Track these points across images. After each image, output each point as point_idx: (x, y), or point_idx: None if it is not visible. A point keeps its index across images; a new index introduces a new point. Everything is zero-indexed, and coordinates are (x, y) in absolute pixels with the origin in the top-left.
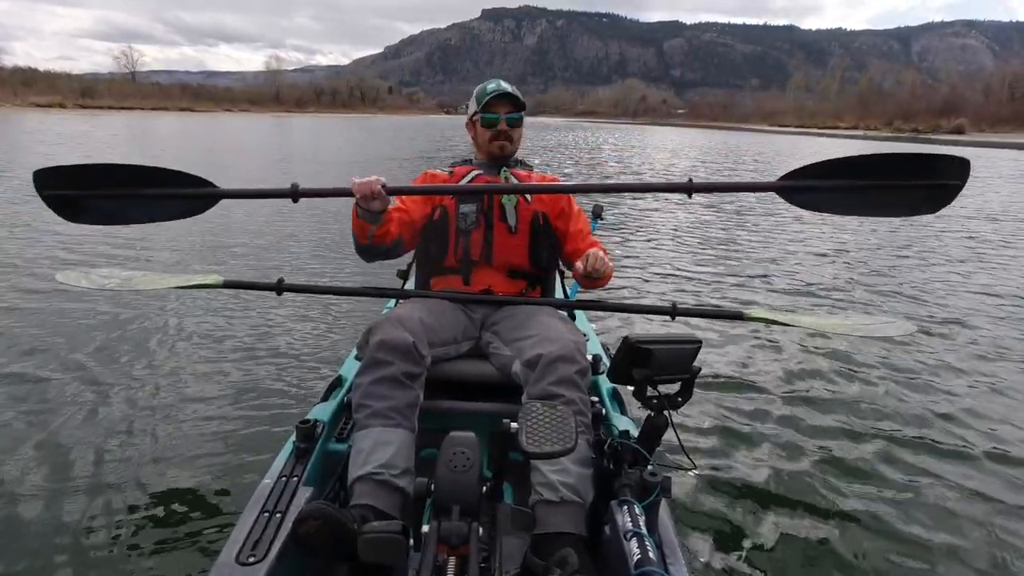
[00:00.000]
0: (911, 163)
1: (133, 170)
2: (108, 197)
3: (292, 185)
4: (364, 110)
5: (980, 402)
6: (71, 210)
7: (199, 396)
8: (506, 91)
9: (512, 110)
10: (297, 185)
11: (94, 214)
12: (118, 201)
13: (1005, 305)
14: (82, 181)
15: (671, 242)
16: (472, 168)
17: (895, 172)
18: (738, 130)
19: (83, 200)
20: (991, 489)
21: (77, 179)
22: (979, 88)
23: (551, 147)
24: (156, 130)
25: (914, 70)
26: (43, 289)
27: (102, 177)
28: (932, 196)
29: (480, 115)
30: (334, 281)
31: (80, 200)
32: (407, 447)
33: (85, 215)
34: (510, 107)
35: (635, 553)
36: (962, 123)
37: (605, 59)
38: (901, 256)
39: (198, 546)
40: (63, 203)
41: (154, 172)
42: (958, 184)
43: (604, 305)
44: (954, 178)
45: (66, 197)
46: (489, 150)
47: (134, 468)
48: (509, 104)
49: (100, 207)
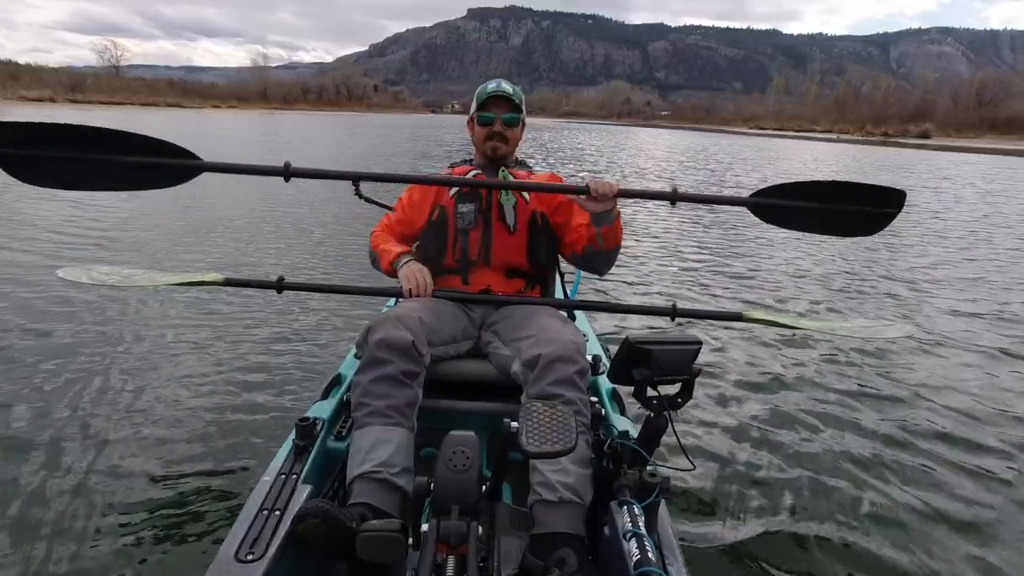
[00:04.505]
0: (860, 192)
1: (106, 133)
2: (74, 161)
3: (284, 164)
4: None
5: (984, 401)
6: (28, 171)
7: (198, 393)
8: (504, 92)
9: (509, 111)
10: (289, 164)
11: (56, 177)
12: (88, 165)
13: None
14: (43, 140)
15: (668, 245)
16: (471, 168)
17: (846, 198)
18: (720, 132)
19: (43, 161)
20: (997, 492)
21: (37, 137)
22: (948, 95)
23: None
24: (155, 125)
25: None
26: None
27: (68, 138)
28: (874, 220)
29: (477, 114)
30: (334, 279)
31: (40, 161)
32: (406, 446)
33: (45, 178)
34: (507, 108)
35: (634, 554)
36: (928, 128)
37: (590, 60)
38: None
39: (197, 543)
40: (19, 163)
41: (129, 137)
42: (895, 212)
43: (604, 305)
44: (893, 206)
45: (23, 157)
46: (483, 150)
47: (133, 465)
48: (507, 105)
49: (63, 170)
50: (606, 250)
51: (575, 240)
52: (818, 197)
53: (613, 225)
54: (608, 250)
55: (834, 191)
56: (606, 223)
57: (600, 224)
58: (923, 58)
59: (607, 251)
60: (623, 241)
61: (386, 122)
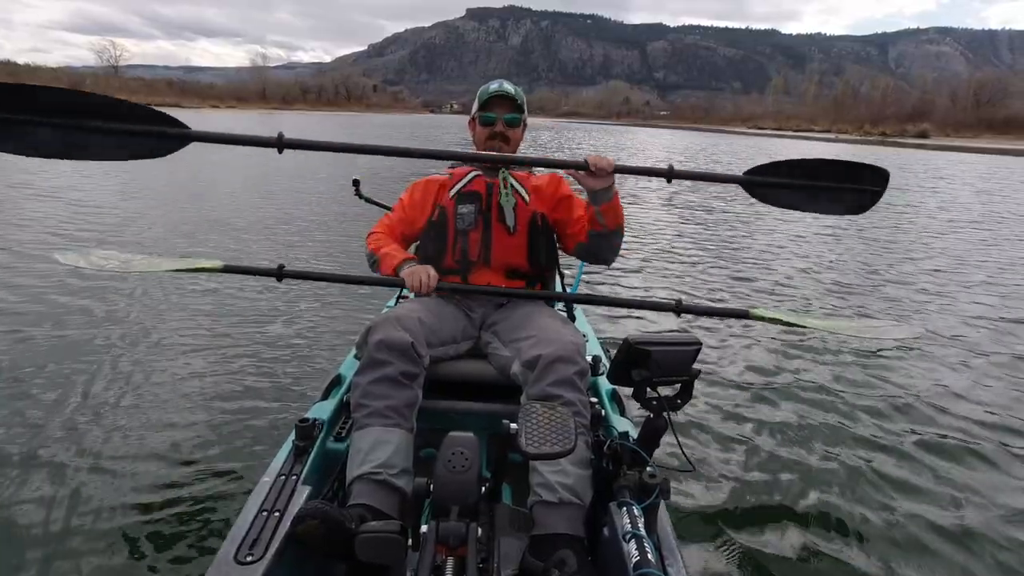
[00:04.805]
0: (845, 169)
1: (86, 97)
2: (50, 126)
3: (278, 135)
4: (349, 108)
5: (984, 408)
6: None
7: (197, 394)
8: (507, 92)
9: (511, 111)
10: (283, 135)
11: (28, 143)
12: (64, 131)
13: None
14: (13, 102)
15: (672, 246)
16: (471, 169)
17: (834, 176)
18: (718, 132)
19: (14, 124)
20: (1001, 492)
21: (7, 99)
22: (946, 95)
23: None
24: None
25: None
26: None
27: (44, 101)
28: (860, 200)
29: (479, 114)
30: (333, 269)
31: (9, 124)
32: (406, 447)
33: (16, 143)
34: (509, 108)
35: (633, 555)
36: (926, 128)
37: (589, 60)
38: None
39: (196, 544)
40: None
41: (111, 103)
42: (879, 191)
43: (608, 300)
44: (878, 185)
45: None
46: (485, 150)
47: (131, 467)
48: (509, 105)
49: (37, 135)
50: (609, 230)
51: (577, 231)
52: (807, 175)
53: (612, 202)
54: (611, 230)
55: (822, 167)
56: (605, 200)
57: (599, 202)
58: (921, 58)
59: (610, 232)
60: (625, 236)
61: (385, 122)
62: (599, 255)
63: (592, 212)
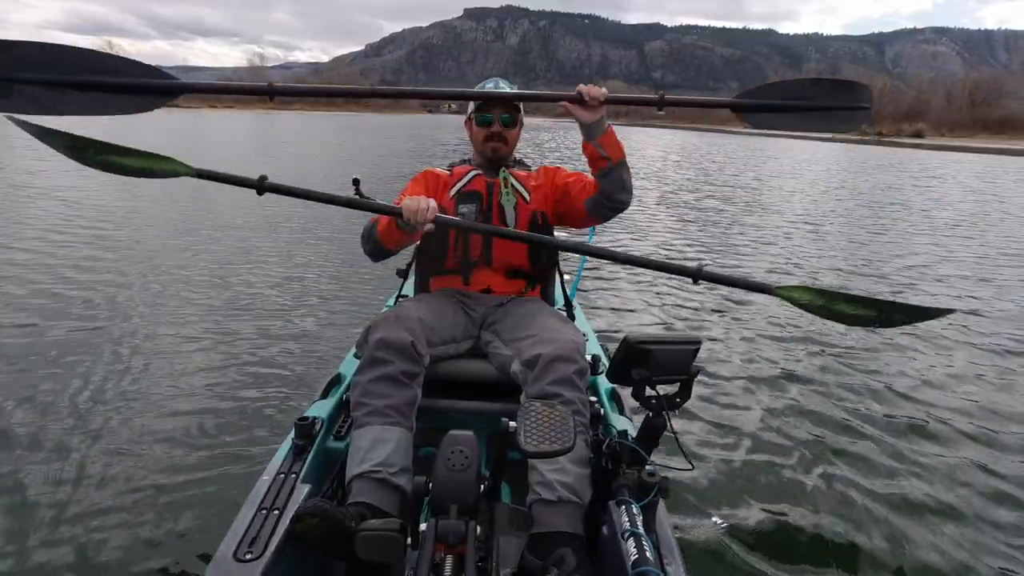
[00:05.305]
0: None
1: (69, 51)
2: (34, 82)
3: (268, 83)
4: (348, 108)
5: (986, 401)
6: None
7: (197, 392)
8: (502, 91)
9: (507, 110)
10: (273, 82)
11: (14, 101)
12: (45, 87)
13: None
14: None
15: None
16: (471, 168)
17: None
18: (717, 132)
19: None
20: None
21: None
22: (942, 94)
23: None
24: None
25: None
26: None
27: (25, 55)
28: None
29: (475, 114)
30: (335, 271)
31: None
32: (405, 445)
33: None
34: (505, 107)
35: (632, 553)
36: (922, 128)
37: (587, 60)
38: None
39: (195, 542)
40: None
41: (96, 56)
42: (867, 107)
43: (625, 257)
44: (864, 101)
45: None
46: (483, 151)
47: (130, 465)
48: (505, 104)
49: (23, 92)
50: (613, 164)
51: (584, 187)
52: (797, 95)
53: (607, 133)
54: (615, 163)
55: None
56: (599, 132)
57: (595, 135)
58: (918, 58)
59: (614, 165)
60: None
61: (384, 122)
62: (612, 196)
63: (592, 149)
